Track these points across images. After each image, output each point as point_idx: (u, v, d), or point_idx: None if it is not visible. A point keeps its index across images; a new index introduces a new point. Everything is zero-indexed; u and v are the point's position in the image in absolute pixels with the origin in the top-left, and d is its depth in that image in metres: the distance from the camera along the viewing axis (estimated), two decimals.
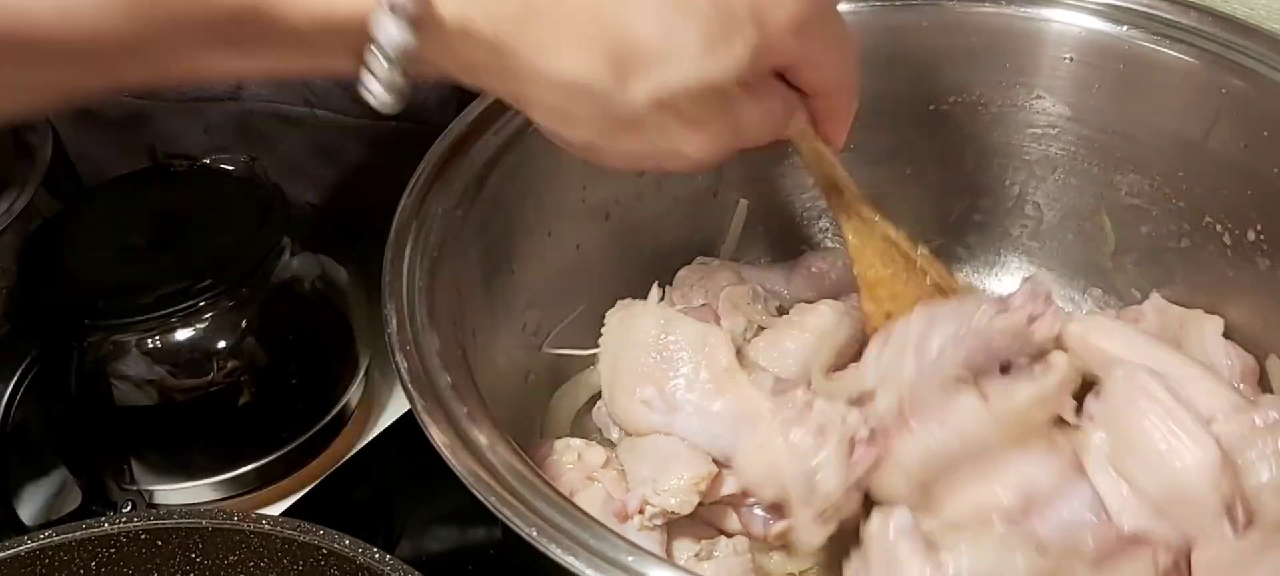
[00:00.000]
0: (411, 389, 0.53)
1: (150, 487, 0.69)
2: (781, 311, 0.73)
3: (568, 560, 0.46)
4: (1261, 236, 0.67)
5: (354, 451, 0.74)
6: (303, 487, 0.72)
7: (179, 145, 0.74)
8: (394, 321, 0.56)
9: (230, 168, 0.70)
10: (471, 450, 0.51)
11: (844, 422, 0.57)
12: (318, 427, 0.71)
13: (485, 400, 0.54)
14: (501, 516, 0.48)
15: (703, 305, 0.69)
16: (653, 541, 0.58)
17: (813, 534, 0.57)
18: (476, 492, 0.49)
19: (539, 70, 0.47)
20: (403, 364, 0.54)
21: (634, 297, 0.69)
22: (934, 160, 0.77)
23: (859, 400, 0.58)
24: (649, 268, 0.74)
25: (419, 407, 0.52)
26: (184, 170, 0.71)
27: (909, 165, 0.77)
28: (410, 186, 0.63)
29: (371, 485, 0.73)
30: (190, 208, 0.69)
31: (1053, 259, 0.78)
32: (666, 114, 0.48)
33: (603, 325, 0.68)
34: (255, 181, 0.69)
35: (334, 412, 0.72)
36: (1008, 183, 0.77)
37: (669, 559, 0.51)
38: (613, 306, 0.69)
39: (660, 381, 0.62)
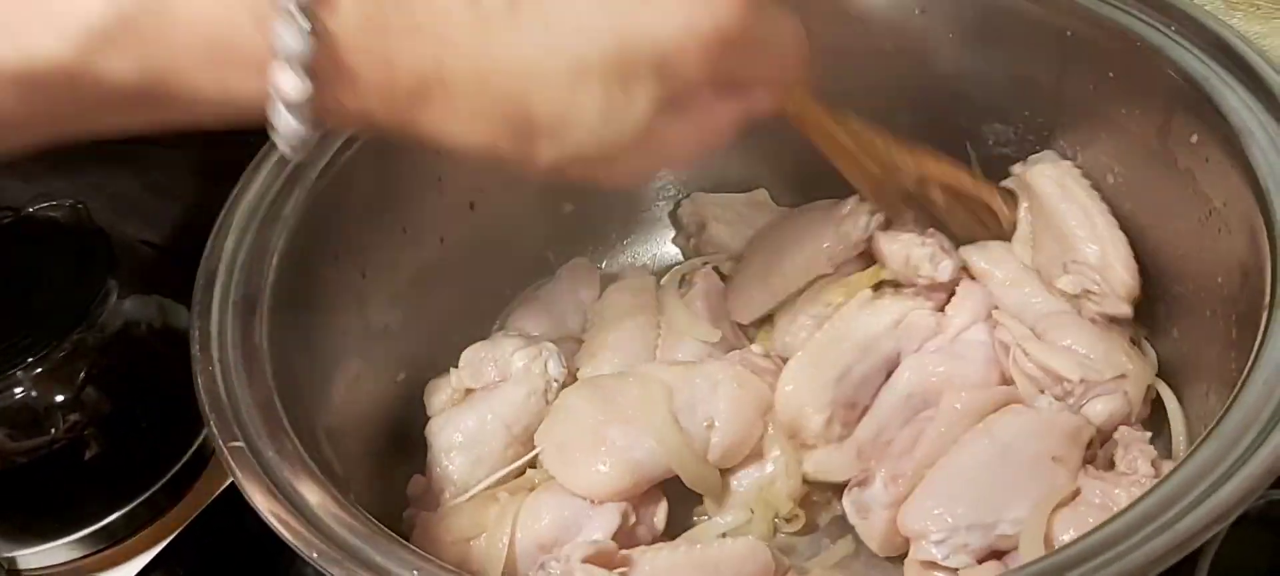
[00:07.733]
0: (223, 452, 0.52)
1: (10, 554, 0.67)
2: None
3: None
4: (1120, 180, 0.65)
5: (226, 485, 0.72)
6: (175, 529, 0.70)
7: (1, 197, 0.71)
8: (202, 372, 0.53)
9: (56, 215, 0.67)
10: (289, 502, 0.52)
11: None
12: (177, 468, 0.70)
13: (316, 435, 0.54)
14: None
15: (500, 381, 0.66)
16: None
17: None
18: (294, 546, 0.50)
19: (444, 143, 0.46)
20: (210, 409, 0.52)
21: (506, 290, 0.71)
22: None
23: None
24: (520, 263, 0.74)
25: (233, 469, 0.52)
26: (7, 222, 0.68)
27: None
28: (228, 203, 0.61)
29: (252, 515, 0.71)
30: (12, 260, 0.67)
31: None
32: (579, 165, 0.48)
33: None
34: (82, 227, 0.67)
35: (192, 451, 0.70)
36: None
37: None
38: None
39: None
